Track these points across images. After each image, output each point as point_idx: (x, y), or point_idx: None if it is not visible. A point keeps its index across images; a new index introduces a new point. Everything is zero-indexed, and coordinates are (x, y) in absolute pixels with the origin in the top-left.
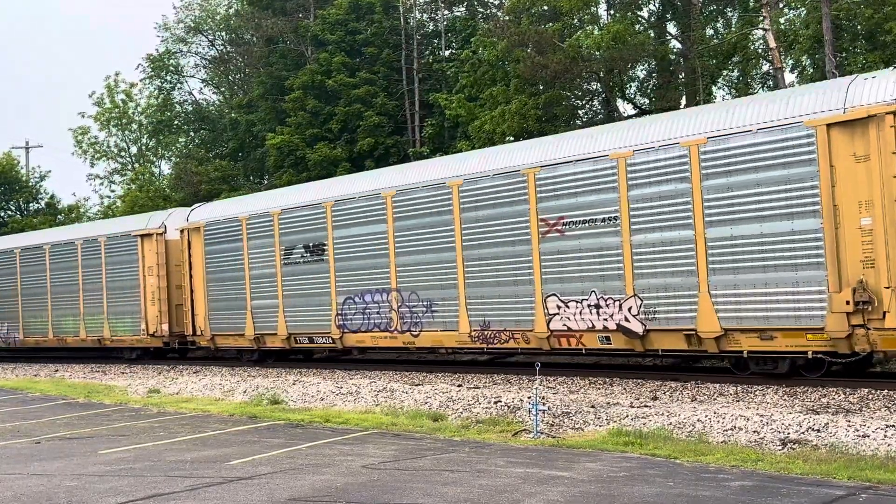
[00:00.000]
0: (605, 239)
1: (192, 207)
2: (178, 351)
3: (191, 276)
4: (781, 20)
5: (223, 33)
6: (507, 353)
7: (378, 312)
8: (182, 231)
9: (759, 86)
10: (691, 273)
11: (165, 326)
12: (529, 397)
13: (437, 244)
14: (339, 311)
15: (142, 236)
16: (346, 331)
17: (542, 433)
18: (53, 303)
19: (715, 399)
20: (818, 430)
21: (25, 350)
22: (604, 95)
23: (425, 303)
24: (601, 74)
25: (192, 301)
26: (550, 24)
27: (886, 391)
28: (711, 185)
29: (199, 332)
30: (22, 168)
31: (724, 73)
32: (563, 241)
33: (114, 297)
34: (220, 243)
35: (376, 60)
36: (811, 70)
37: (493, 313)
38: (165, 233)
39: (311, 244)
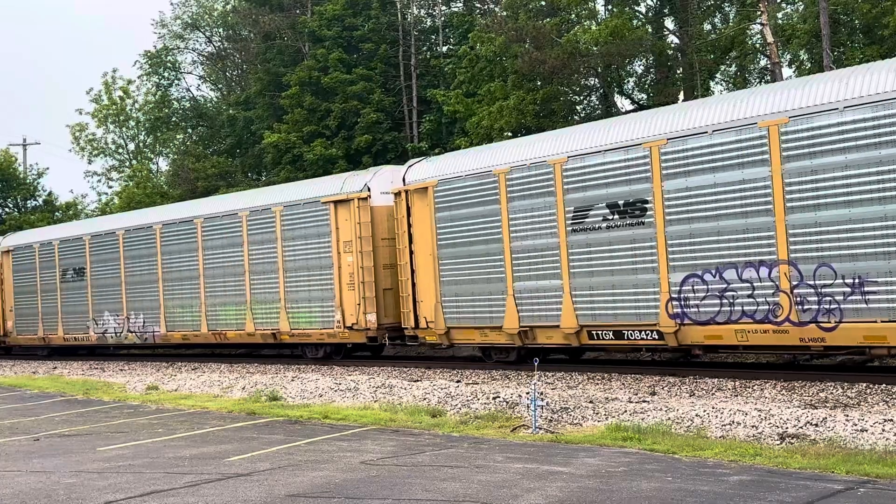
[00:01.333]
0: None
1: (411, 163)
2: (375, 349)
3: (412, 252)
4: (779, 15)
5: (220, 30)
6: None
7: (750, 295)
8: (398, 194)
9: (757, 81)
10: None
11: (372, 317)
12: (528, 393)
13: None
14: (676, 295)
15: (335, 203)
16: (686, 321)
17: (540, 429)
18: (207, 288)
19: (713, 394)
20: (816, 425)
21: (167, 347)
22: (601, 91)
23: (850, 280)
24: (599, 70)
25: (412, 284)
26: (548, 19)
27: (885, 385)
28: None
29: (424, 325)
30: (20, 165)
31: (722, 68)
32: None
33: (294, 281)
34: (460, 207)
35: (373, 56)
36: (809, 65)
37: None
38: (370, 198)
39: (620, 202)
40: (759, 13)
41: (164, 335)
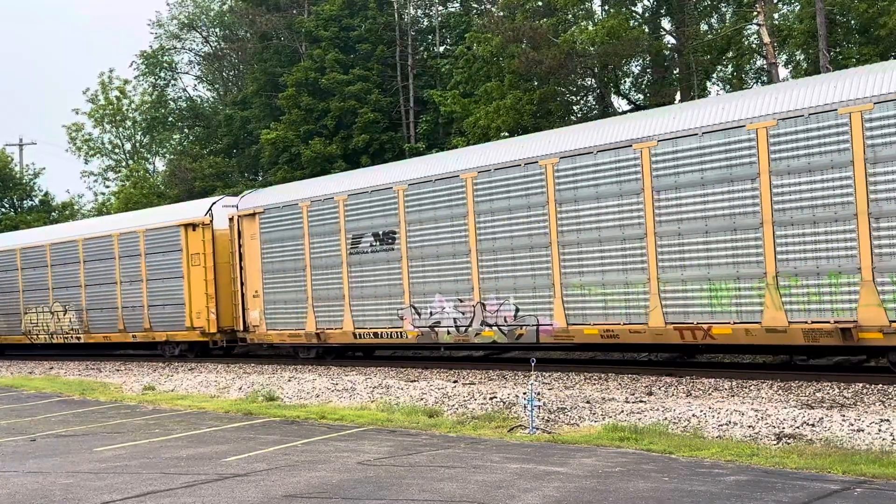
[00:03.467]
0: None
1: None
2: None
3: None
4: (775, 15)
5: (217, 29)
6: None
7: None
8: (232, 219)
9: (754, 81)
10: None
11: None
12: (525, 393)
13: None
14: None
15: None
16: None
17: (537, 429)
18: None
19: (710, 394)
20: (813, 425)
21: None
22: (598, 91)
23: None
24: (595, 70)
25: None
26: (545, 19)
27: (881, 385)
28: None
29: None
30: (16, 165)
31: (719, 68)
32: None
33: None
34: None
35: (370, 57)
36: (805, 65)
37: None
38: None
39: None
40: (755, 13)
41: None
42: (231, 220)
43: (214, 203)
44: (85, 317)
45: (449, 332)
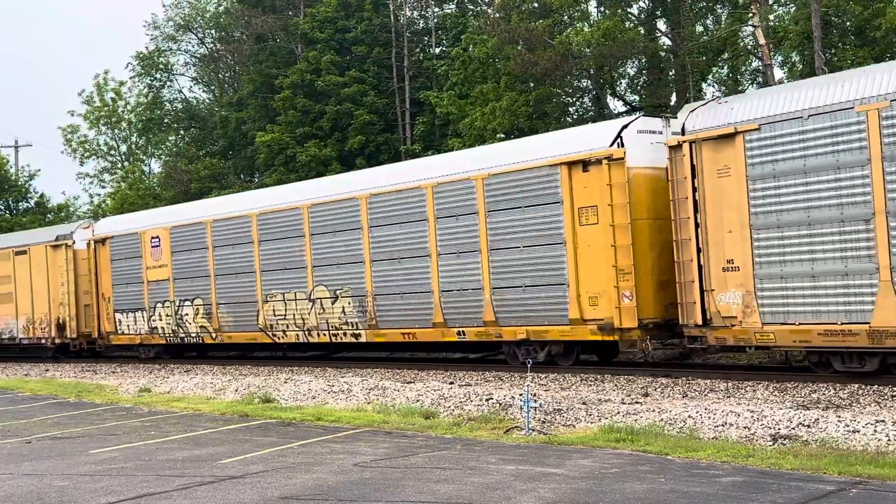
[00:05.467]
0: None
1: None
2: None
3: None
4: (771, 16)
5: (213, 31)
6: None
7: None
8: (89, 244)
9: (749, 82)
10: None
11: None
12: (521, 394)
13: None
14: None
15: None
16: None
17: (533, 430)
18: None
19: (706, 395)
20: (808, 426)
21: None
22: (594, 92)
23: None
24: (591, 71)
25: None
26: (541, 20)
27: (876, 386)
28: None
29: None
30: (11, 167)
31: (714, 69)
32: None
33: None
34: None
35: (366, 58)
36: (801, 66)
37: None
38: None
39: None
40: (750, 15)
41: None
42: (678, 149)
43: (626, 126)
44: (370, 305)
45: None
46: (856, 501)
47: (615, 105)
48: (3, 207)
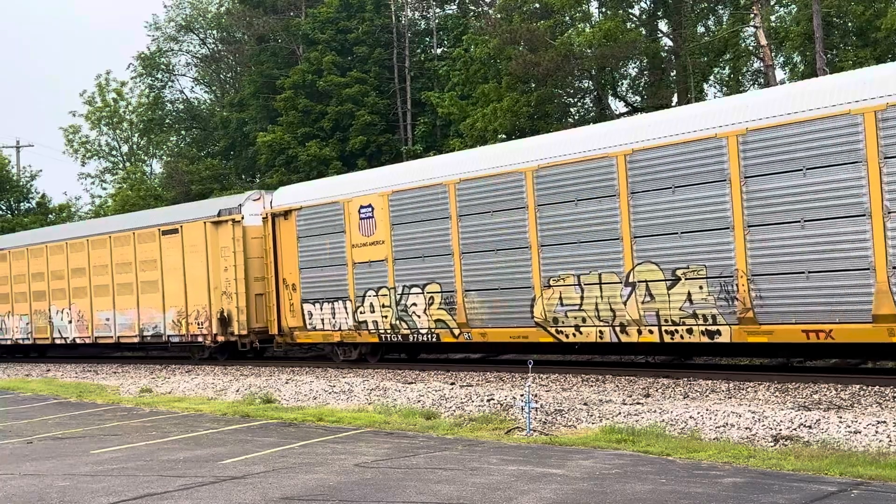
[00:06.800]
0: None
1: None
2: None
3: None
4: (772, 17)
5: (214, 32)
6: None
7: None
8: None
9: (750, 83)
10: None
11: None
12: (522, 395)
13: None
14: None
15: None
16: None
17: (534, 431)
18: None
19: (707, 396)
20: (810, 427)
21: None
22: (595, 93)
23: None
24: (593, 72)
25: None
26: (542, 21)
27: (878, 387)
28: None
29: None
30: (13, 167)
31: (715, 70)
32: None
33: None
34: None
35: (368, 59)
36: (802, 67)
37: None
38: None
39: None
40: (752, 15)
41: None
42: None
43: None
44: (743, 289)
45: None
46: (857, 502)
47: (616, 106)
48: (4, 208)
